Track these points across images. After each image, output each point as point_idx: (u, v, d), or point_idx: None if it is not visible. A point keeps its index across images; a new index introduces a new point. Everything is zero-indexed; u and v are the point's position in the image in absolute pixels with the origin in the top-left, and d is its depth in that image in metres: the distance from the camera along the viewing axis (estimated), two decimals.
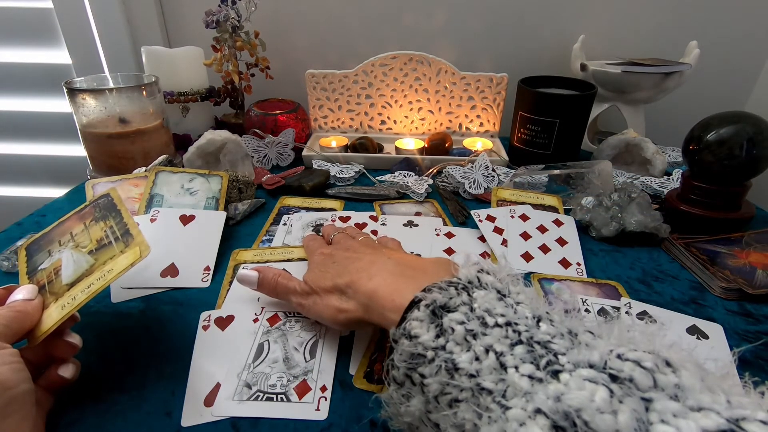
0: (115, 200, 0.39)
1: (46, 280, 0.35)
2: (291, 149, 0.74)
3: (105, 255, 0.34)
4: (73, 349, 0.32)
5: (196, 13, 0.81)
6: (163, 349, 0.37)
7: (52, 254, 0.37)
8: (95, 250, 0.35)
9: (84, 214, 0.40)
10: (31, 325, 0.31)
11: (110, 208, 0.39)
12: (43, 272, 0.36)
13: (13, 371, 0.26)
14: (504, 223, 0.54)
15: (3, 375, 0.26)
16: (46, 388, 0.31)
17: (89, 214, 0.39)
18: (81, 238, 0.37)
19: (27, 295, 0.32)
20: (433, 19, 0.88)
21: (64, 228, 0.39)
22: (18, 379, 0.26)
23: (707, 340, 0.39)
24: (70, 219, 0.40)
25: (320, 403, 0.32)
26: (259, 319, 0.39)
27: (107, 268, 0.33)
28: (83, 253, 0.35)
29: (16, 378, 0.26)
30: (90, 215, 0.39)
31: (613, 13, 0.85)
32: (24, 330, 0.30)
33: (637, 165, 0.72)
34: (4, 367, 0.26)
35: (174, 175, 0.56)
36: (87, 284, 0.32)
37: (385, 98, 0.81)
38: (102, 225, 0.37)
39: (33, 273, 0.36)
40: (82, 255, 0.35)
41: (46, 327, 0.31)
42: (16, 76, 0.94)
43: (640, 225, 0.52)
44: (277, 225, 0.56)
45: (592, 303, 0.43)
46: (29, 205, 0.66)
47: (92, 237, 0.37)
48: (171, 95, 0.76)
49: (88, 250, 0.35)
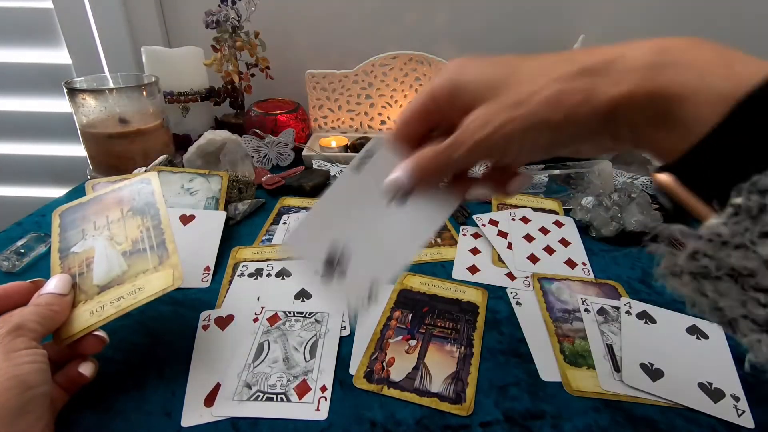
0: (156, 194, 0.38)
1: (77, 270, 0.34)
2: (291, 149, 0.74)
3: (138, 264, 0.34)
4: (101, 343, 0.32)
5: (196, 13, 0.81)
6: (163, 349, 0.37)
7: (86, 237, 0.36)
8: (129, 253, 0.35)
9: (122, 197, 0.39)
10: (60, 322, 0.31)
11: (150, 203, 0.38)
12: (75, 258, 0.35)
13: (38, 372, 0.27)
14: (506, 226, 0.54)
15: (28, 375, 0.26)
16: (63, 386, 0.31)
17: (128, 200, 0.39)
18: (116, 230, 0.37)
19: (60, 289, 0.32)
20: (433, 19, 0.88)
21: (102, 206, 0.38)
22: (40, 380, 0.27)
23: (707, 340, 0.39)
24: (108, 195, 0.39)
25: (320, 403, 0.32)
26: (259, 319, 0.39)
27: (139, 284, 0.33)
28: (117, 253, 0.35)
29: (39, 379, 0.26)
30: (128, 202, 0.38)
31: (613, 13, 0.85)
32: (54, 328, 0.30)
33: (637, 165, 0.72)
34: (31, 366, 0.26)
35: (174, 175, 0.56)
36: (117, 296, 0.32)
37: (385, 98, 0.81)
38: (139, 222, 0.37)
39: (65, 254, 0.36)
40: (116, 254, 0.35)
41: (75, 330, 0.31)
42: (16, 76, 0.94)
43: (640, 225, 0.52)
44: (277, 225, 0.55)
45: (592, 303, 0.43)
46: (29, 205, 0.66)
47: (128, 234, 0.36)
48: (171, 95, 0.76)
49: (122, 250, 0.35)
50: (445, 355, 0.37)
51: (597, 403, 0.33)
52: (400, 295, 0.43)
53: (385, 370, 0.35)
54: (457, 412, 0.32)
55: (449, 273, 0.47)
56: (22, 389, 0.25)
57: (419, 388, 0.34)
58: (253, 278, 0.45)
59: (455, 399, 0.33)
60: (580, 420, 0.32)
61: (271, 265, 0.47)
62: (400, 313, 0.41)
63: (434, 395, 0.33)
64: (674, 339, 0.39)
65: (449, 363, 0.36)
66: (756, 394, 0.34)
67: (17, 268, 0.46)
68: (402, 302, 0.42)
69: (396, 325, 0.39)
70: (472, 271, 0.48)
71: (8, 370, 0.25)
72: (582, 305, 0.42)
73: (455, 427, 0.31)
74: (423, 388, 0.34)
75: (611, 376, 0.35)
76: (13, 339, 0.27)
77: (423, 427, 0.31)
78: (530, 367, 0.36)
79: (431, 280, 0.46)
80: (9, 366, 0.26)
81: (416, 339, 0.38)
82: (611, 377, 0.35)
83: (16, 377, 0.25)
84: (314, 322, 0.39)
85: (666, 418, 0.32)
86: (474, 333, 0.39)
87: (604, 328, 0.40)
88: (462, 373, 0.35)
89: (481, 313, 0.41)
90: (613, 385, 0.34)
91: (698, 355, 0.37)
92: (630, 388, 0.34)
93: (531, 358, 0.37)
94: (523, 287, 0.45)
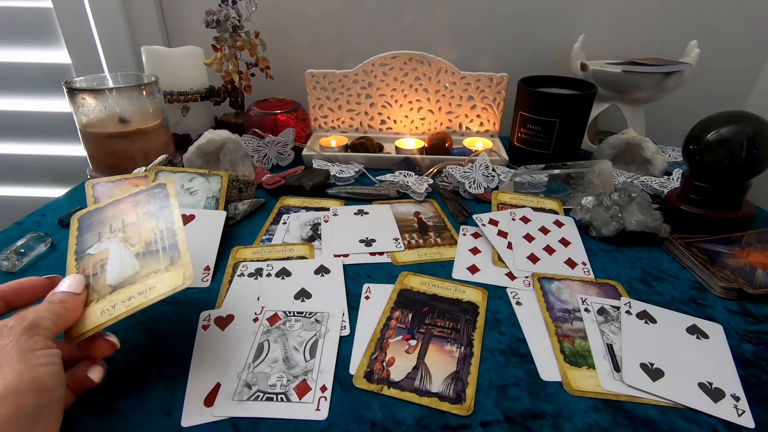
0: (171, 197, 0.39)
1: (91, 270, 0.34)
2: (291, 149, 0.74)
3: (150, 265, 0.34)
4: (112, 348, 0.31)
5: (196, 13, 0.81)
6: (163, 349, 0.37)
7: (102, 240, 0.37)
8: (142, 255, 0.35)
9: (139, 200, 0.40)
10: (73, 321, 0.30)
11: (164, 206, 0.38)
12: (89, 259, 0.35)
13: (54, 374, 0.26)
14: (506, 226, 0.54)
15: (46, 378, 0.25)
16: (69, 387, 0.30)
17: (143, 203, 0.39)
18: (131, 232, 0.37)
19: (74, 287, 0.32)
20: (433, 18, 0.88)
21: (119, 210, 0.39)
22: (57, 383, 0.26)
23: (707, 340, 0.39)
24: (125, 200, 0.40)
25: (320, 403, 0.32)
26: (258, 319, 0.39)
27: (150, 284, 0.33)
28: (131, 253, 0.35)
29: (55, 382, 0.26)
30: (144, 204, 0.39)
31: (613, 13, 0.85)
32: (66, 326, 0.30)
33: (637, 165, 0.72)
34: (47, 368, 0.25)
35: (174, 174, 0.56)
36: (128, 295, 0.32)
37: (385, 98, 0.81)
38: (153, 225, 0.37)
39: (81, 256, 0.36)
40: (129, 255, 0.35)
41: (85, 328, 0.30)
42: (16, 76, 0.94)
43: (640, 225, 0.52)
44: (277, 225, 0.55)
45: (592, 302, 0.43)
46: (29, 205, 0.66)
47: (142, 236, 0.36)
48: (171, 95, 0.76)
49: (135, 251, 0.35)
50: (445, 355, 0.37)
51: (597, 403, 0.33)
52: (400, 295, 0.43)
53: (385, 370, 0.35)
54: (457, 412, 0.32)
55: (449, 273, 0.47)
56: (39, 392, 0.24)
57: (419, 388, 0.34)
58: (253, 278, 0.45)
59: (455, 399, 0.33)
60: (580, 420, 0.32)
61: (271, 265, 0.47)
62: (400, 313, 0.41)
63: (434, 395, 0.33)
64: (674, 339, 0.39)
65: (449, 363, 0.36)
66: (756, 394, 0.34)
67: (17, 268, 0.46)
68: (402, 302, 0.42)
69: (396, 325, 0.39)
70: (472, 271, 0.48)
71: (25, 372, 0.24)
72: (582, 305, 0.42)
73: (455, 427, 0.31)
74: (423, 388, 0.34)
75: (611, 376, 0.35)
76: (30, 338, 0.26)
77: (423, 427, 0.31)
78: (530, 367, 0.36)
79: (431, 280, 0.46)
80: (26, 367, 0.25)
81: (416, 339, 0.38)
82: (611, 377, 0.35)
83: (34, 380, 0.24)
84: (314, 322, 0.39)
85: (666, 418, 0.32)
86: (474, 333, 0.39)
87: (604, 328, 0.40)
88: (462, 373, 0.35)
89: (481, 313, 0.41)
90: (613, 385, 0.34)
91: (698, 355, 0.37)
92: (630, 388, 0.34)
93: (531, 358, 0.37)
94: (523, 287, 0.45)
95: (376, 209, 0.59)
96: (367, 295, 0.43)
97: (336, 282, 0.45)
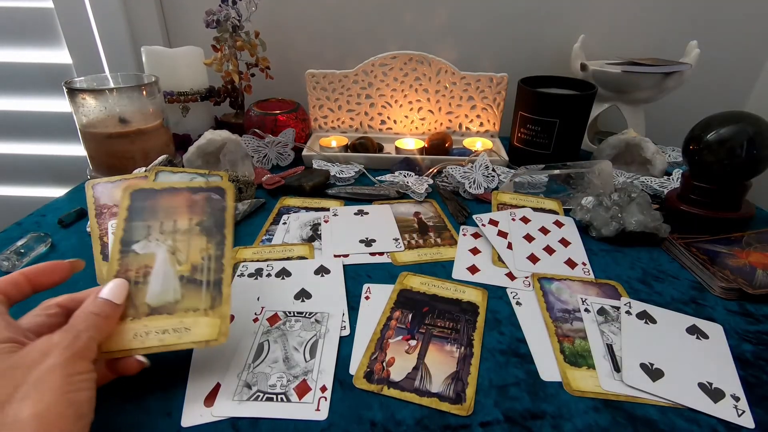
0: (227, 213, 0.36)
1: (134, 275, 0.33)
2: (291, 149, 0.74)
3: (191, 298, 0.32)
4: (140, 367, 0.31)
5: (196, 13, 0.81)
6: None
7: (150, 239, 0.34)
8: (186, 281, 0.33)
9: (195, 202, 0.36)
10: (108, 334, 0.30)
11: (219, 223, 0.36)
12: (135, 259, 0.33)
13: (92, 401, 0.26)
14: (506, 226, 0.54)
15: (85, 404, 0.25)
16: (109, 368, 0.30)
17: (199, 208, 0.36)
18: (180, 243, 0.35)
19: (117, 297, 0.31)
20: (433, 18, 0.88)
21: (173, 204, 0.36)
22: (91, 410, 0.26)
23: (707, 340, 0.39)
24: (181, 193, 0.37)
25: (320, 403, 0.32)
26: (258, 319, 0.39)
27: (186, 324, 0.31)
28: (175, 274, 0.33)
29: (90, 408, 0.26)
30: (199, 212, 0.36)
31: (613, 13, 0.85)
32: (102, 340, 0.29)
33: (637, 165, 0.72)
34: (86, 393, 0.25)
35: (174, 175, 0.56)
36: (162, 327, 0.31)
37: (385, 98, 0.81)
38: (203, 244, 0.35)
39: (127, 250, 0.34)
40: (173, 275, 0.33)
41: (116, 347, 0.30)
42: (16, 76, 0.94)
43: (640, 225, 0.52)
44: (276, 225, 0.56)
45: (592, 303, 0.43)
46: (29, 205, 0.66)
47: (190, 255, 0.34)
48: (171, 95, 0.76)
49: (180, 272, 0.33)
50: (445, 355, 0.37)
51: (597, 403, 0.33)
52: (400, 295, 0.43)
53: (385, 370, 0.35)
54: (457, 412, 0.32)
55: (449, 273, 0.47)
56: (76, 418, 0.24)
57: (419, 388, 0.34)
58: (253, 278, 0.45)
59: (455, 399, 0.33)
60: (580, 420, 0.32)
61: (271, 265, 0.47)
62: (400, 313, 0.41)
63: (434, 395, 0.33)
64: (674, 339, 0.39)
65: (449, 363, 0.36)
66: (756, 394, 0.34)
67: (17, 269, 0.46)
68: (402, 302, 0.42)
69: (396, 325, 0.39)
70: (472, 271, 0.48)
71: (67, 397, 0.24)
72: (582, 305, 0.42)
73: (455, 427, 0.31)
74: (423, 388, 0.34)
75: (611, 376, 0.35)
76: (76, 361, 0.26)
77: (423, 427, 0.31)
78: (530, 367, 0.36)
79: (431, 280, 0.46)
80: (69, 392, 0.24)
81: (416, 339, 0.38)
82: (611, 377, 0.35)
83: (74, 405, 0.24)
84: (314, 322, 0.39)
85: (666, 418, 0.32)
86: (474, 333, 0.39)
87: (604, 328, 0.40)
88: (462, 373, 0.35)
89: (481, 313, 0.42)
90: (613, 385, 0.34)
91: (698, 355, 0.37)
92: (630, 388, 0.34)
93: (531, 358, 0.37)
94: (523, 287, 0.45)
95: (376, 209, 0.59)
96: (367, 295, 0.44)
97: (336, 282, 0.45)
